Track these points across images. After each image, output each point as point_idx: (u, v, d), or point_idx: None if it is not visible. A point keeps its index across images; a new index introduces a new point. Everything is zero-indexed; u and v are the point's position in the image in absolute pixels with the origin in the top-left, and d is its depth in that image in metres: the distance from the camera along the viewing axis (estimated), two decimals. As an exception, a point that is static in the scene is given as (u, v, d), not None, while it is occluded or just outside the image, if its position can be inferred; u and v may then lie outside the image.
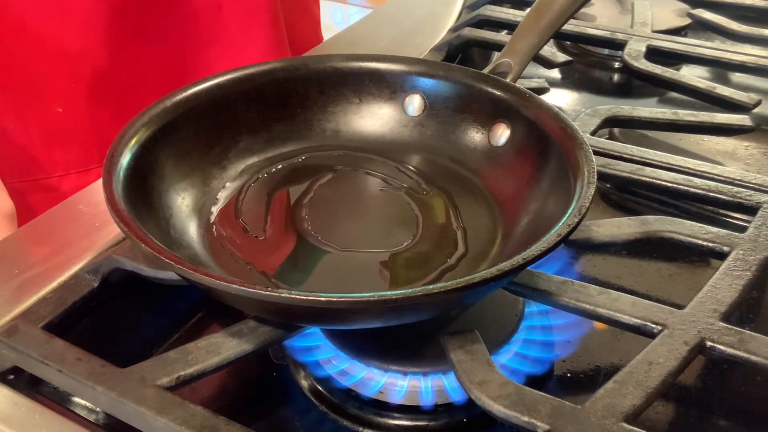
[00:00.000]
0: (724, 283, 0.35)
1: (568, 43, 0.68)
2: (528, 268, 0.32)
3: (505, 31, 0.66)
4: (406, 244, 0.38)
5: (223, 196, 0.41)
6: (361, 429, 0.34)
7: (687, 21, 0.67)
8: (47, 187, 0.62)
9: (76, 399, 0.34)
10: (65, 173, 0.62)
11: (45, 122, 0.61)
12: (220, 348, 0.32)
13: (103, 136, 0.60)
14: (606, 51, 0.65)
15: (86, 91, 0.60)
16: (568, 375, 0.36)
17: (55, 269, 0.38)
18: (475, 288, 0.29)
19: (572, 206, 0.33)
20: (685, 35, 0.66)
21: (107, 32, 0.59)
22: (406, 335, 0.35)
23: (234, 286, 0.29)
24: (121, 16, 0.59)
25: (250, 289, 0.29)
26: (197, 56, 0.63)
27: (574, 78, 0.65)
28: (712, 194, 0.43)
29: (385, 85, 0.45)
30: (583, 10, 0.69)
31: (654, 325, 0.33)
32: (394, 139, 0.45)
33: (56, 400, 0.34)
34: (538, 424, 0.29)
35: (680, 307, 0.34)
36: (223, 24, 0.64)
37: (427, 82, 0.44)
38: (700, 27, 0.67)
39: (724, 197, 0.42)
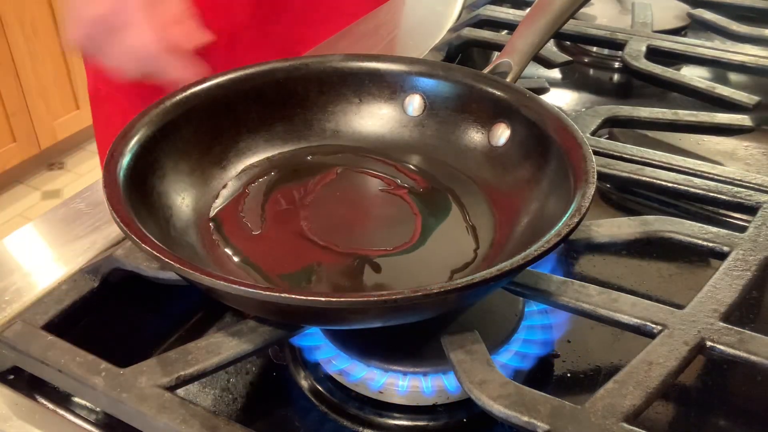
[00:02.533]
0: (724, 283, 0.35)
1: (568, 43, 0.68)
2: (528, 268, 0.32)
3: (505, 31, 0.66)
4: (406, 243, 0.38)
5: (223, 196, 0.41)
6: (361, 429, 0.34)
7: (687, 21, 0.67)
8: None
9: (76, 399, 0.34)
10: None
11: None
12: (220, 348, 0.32)
13: None
14: (606, 51, 0.65)
15: (224, 43, 0.60)
16: (568, 375, 0.36)
17: (55, 269, 0.38)
18: (475, 288, 0.29)
19: (572, 206, 0.33)
20: (685, 35, 0.66)
21: None
22: (406, 335, 0.35)
23: (234, 286, 0.29)
24: None
25: (250, 289, 0.29)
26: (317, 29, 0.67)
27: (574, 78, 0.65)
28: (712, 194, 0.43)
29: (385, 85, 0.45)
30: (583, 10, 0.69)
31: (654, 325, 0.33)
32: (394, 139, 0.45)
33: (56, 400, 0.33)
34: (538, 424, 0.29)
35: (680, 307, 0.34)
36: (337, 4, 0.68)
37: (426, 82, 0.44)
38: (700, 27, 0.67)
39: (724, 197, 0.42)
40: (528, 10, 0.70)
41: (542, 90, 0.55)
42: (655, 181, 0.44)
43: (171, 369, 0.32)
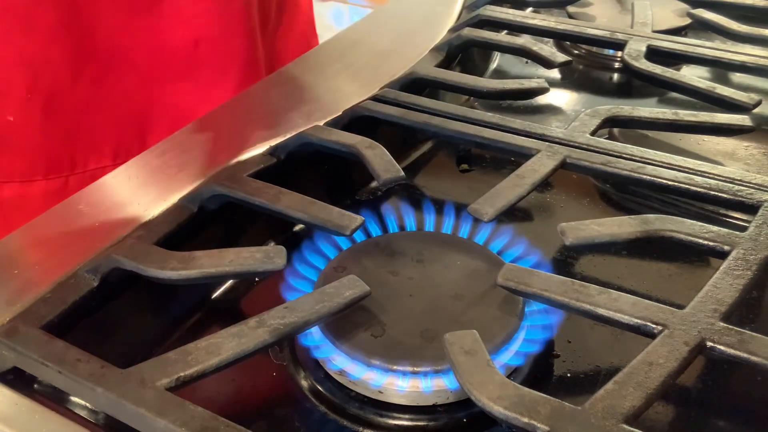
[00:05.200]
0: (725, 283, 0.35)
1: (568, 43, 0.68)
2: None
3: (505, 31, 0.66)
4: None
5: None
6: (361, 429, 0.34)
7: (687, 21, 0.67)
8: None
9: (76, 399, 0.34)
10: (7, 181, 0.61)
11: None
12: (220, 348, 0.32)
13: (52, 150, 0.60)
14: (606, 51, 0.65)
15: (41, 105, 0.58)
16: (568, 375, 0.36)
17: (55, 269, 0.38)
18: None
19: None
20: (685, 35, 0.66)
21: (72, 49, 0.57)
22: (406, 335, 0.35)
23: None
24: (89, 35, 0.58)
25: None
26: (166, 87, 0.62)
27: (574, 78, 0.65)
28: (712, 192, 0.43)
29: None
30: (583, 9, 0.69)
31: (654, 325, 0.33)
32: None
33: (56, 400, 0.33)
34: (538, 425, 0.29)
35: (680, 307, 0.34)
36: (198, 60, 0.63)
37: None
38: (700, 27, 0.67)
39: (725, 195, 0.42)
40: (528, 10, 0.71)
41: (542, 90, 0.55)
42: (655, 179, 0.44)
43: (171, 369, 0.32)
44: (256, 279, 0.43)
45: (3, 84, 0.58)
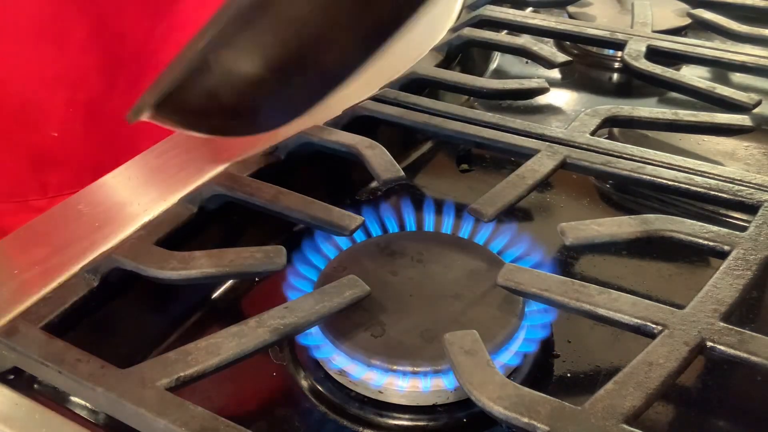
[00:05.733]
0: (725, 283, 0.35)
1: (568, 43, 0.68)
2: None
3: (505, 31, 0.66)
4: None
5: None
6: (361, 429, 0.34)
7: (687, 21, 0.67)
8: (38, 208, 0.61)
9: (76, 399, 0.34)
10: (57, 194, 0.62)
11: (39, 146, 0.61)
12: (220, 348, 0.32)
13: (97, 159, 0.60)
14: (606, 51, 0.65)
15: (82, 116, 0.60)
16: (568, 375, 0.36)
17: (55, 269, 0.38)
18: None
19: None
20: (685, 35, 0.66)
21: (105, 58, 0.58)
22: (406, 335, 0.35)
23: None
24: (119, 42, 0.59)
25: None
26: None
27: (574, 78, 0.65)
28: (712, 192, 0.43)
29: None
30: (583, 9, 0.69)
31: (654, 326, 0.33)
32: None
33: (56, 400, 0.33)
34: (538, 425, 0.29)
35: (680, 307, 0.34)
36: None
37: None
38: (700, 27, 0.67)
39: (725, 195, 0.42)
40: (528, 10, 0.71)
41: (542, 90, 0.55)
42: (655, 179, 0.44)
43: (171, 369, 0.32)
44: (256, 279, 0.43)
45: (43, 102, 0.59)
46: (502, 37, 0.63)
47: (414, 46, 0.36)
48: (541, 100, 0.58)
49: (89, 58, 0.58)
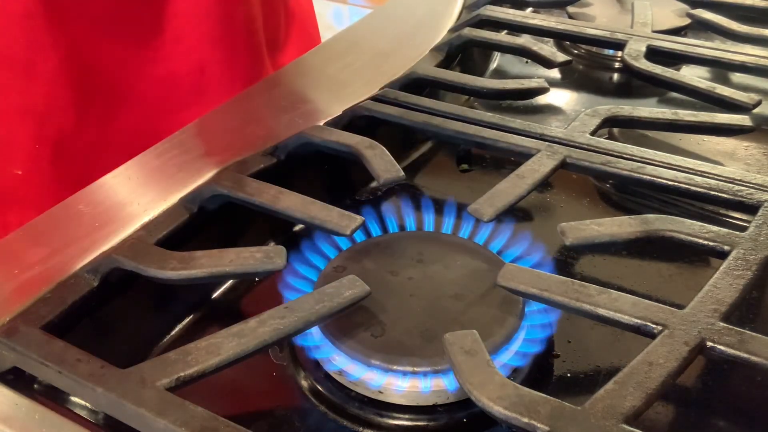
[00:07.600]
0: (725, 283, 0.35)
1: (568, 43, 0.68)
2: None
3: (505, 30, 0.66)
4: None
5: None
6: (361, 429, 0.34)
7: (687, 21, 0.67)
8: None
9: (76, 399, 0.34)
10: None
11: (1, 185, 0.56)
12: (220, 348, 0.32)
13: (63, 199, 0.58)
14: (606, 51, 0.65)
15: (50, 153, 0.55)
16: (568, 375, 0.36)
17: (55, 269, 0.38)
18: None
19: None
20: (685, 35, 0.66)
21: (76, 90, 0.55)
22: (406, 335, 0.35)
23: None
24: (92, 73, 0.55)
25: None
26: (175, 117, 0.59)
27: (574, 78, 0.65)
28: (713, 192, 0.43)
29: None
30: (583, 9, 0.69)
31: (654, 326, 0.33)
32: None
33: (56, 400, 0.33)
34: (538, 425, 0.29)
35: (680, 307, 0.34)
36: (205, 85, 0.61)
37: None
38: (700, 27, 0.67)
39: (725, 195, 0.42)
40: (528, 10, 0.71)
41: (542, 90, 0.55)
42: (655, 179, 0.44)
43: (171, 369, 0.32)
44: (256, 279, 0.43)
45: (8, 136, 0.55)
46: (502, 37, 0.63)
47: None
48: (541, 100, 0.58)
49: (59, 90, 0.54)
